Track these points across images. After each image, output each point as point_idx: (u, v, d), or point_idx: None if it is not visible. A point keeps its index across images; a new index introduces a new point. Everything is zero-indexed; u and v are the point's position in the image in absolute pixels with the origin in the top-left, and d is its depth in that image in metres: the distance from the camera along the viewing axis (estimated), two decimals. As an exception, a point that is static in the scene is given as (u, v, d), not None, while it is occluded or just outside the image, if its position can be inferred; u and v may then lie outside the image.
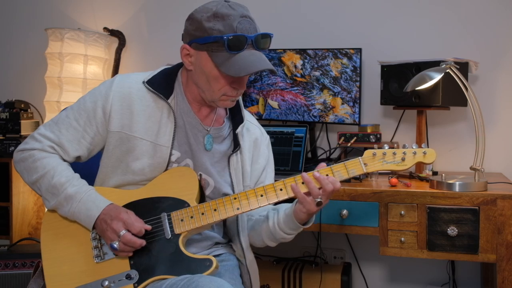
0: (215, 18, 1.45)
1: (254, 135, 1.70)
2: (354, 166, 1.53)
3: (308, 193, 1.49)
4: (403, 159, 1.53)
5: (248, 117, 1.72)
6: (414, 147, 1.54)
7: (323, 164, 1.54)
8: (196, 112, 1.60)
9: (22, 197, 2.84)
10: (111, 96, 1.54)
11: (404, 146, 1.55)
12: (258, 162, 1.70)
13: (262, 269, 1.74)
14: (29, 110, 3.02)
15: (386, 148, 1.54)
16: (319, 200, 1.48)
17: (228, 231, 1.71)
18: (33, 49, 3.16)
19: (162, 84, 1.58)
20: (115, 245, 1.46)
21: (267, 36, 1.51)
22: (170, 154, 1.56)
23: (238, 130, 1.63)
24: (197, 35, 1.48)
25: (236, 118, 1.67)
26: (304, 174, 1.50)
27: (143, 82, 1.56)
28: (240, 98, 1.69)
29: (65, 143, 1.55)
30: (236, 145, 1.63)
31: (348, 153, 2.55)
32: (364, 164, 1.53)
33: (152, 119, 1.55)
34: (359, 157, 1.54)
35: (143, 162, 1.54)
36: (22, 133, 2.88)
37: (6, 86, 3.23)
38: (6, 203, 2.77)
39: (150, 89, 1.55)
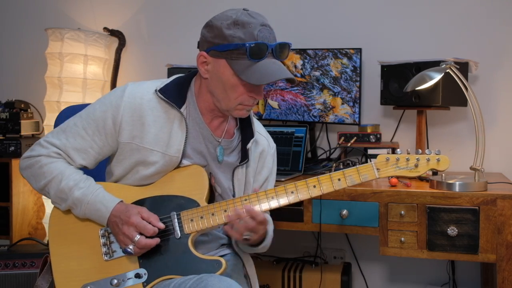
0: (235, 26, 1.44)
1: (262, 146, 1.69)
2: (367, 171, 1.52)
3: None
4: (416, 166, 1.51)
5: (258, 128, 1.70)
6: (427, 153, 1.52)
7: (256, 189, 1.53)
8: (208, 123, 1.59)
9: (22, 197, 2.84)
10: (122, 107, 1.52)
11: (417, 152, 1.53)
12: (261, 174, 1.68)
13: (262, 269, 1.74)
14: (29, 110, 3.02)
15: (399, 153, 1.52)
16: (245, 236, 1.48)
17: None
18: (33, 49, 3.16)
19: (175, 93, 1.55)
20: (129, 250, 1.46)
21: (286, 46, 1.50)
22: (180, 163, 1.55)
23: (249, 146, 1.61)
24: (216, 42, 1.46)
25: (246, 131, 1.64)
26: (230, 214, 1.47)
27: (156, 91, 1.54)
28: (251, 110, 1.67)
29: (71, 151, 1.54)
30: (244, 158, 1.61)
31: (348, 153, 2.55)
32: (377, 169, 1.52)
33: (163, 130, 1.53)
34: (372, 162, 1.53)
35: (152, 170, 1.54)
36: (22, 133, 2.88)
37: (6, 86, 3.23)
38: (6, 203, 2.77)
39: (163, 98, 1.53)
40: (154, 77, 1.66)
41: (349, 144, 2.40)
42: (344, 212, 2.07)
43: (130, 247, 1.46)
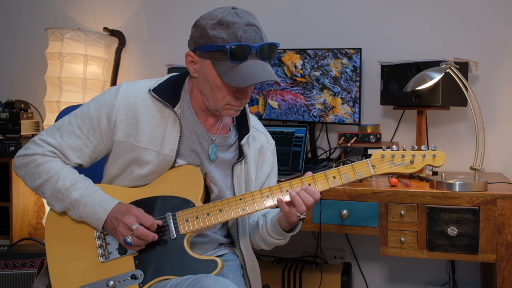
0: (219, 26, 1.42)
1: (260, 142, 1.68)
2: (362, 168, 1.50)
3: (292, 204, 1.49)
4: (412, 162, 1.50)
5: (254, 124, 1.70)
6: (423, 149, 1.51)
7: (309, 173, 1.52)
8: (203, 122, 1.58)
9: (22, 197, 2.84)
10: (116, 105, 1.52)
11: (412, 148, 1.51)
12: (263, 170, 1.68)
13: (262, 269, 1.74)
14: (29, 110, 3.02)
15: (395, 149, 1.51)
16: (302, 216, 1.48)
17: (231, 234, 1.71)
18: (33, 49, 3.16)
19: (168, 92, 1.55)
20: (128, 240, 1.45)
21: (272, 46, 1.47)
22: (174, 163, 1.55)
23: (243, 141, 1.60)
24: (201, 42, 1.45)
25: (242, 128, 1.64)
26: (291, 192, 1.48)
27: (149, 90, 1.54)
28: (247, 106, 1.66)
29: (66, 150, 1.54)
30: (240, 155, 1.61)
31: (348, 153, 2.55)
32: (372, 166, 1.50)
33: (157, 129, 1.54)
34: (367, 159, 1.51)
35: (147, 170, 1.54)
36: (22, 133, 2.88)
37: (6, 86, 3.23)
38: (6, 203, 2.77)
39: (156, 97, 1.53)
40: (154, 77, 1.66)
41: (349, 144, 2.40)
42: (344, 212, 2.07)
43: (129, 237, 1.45)
